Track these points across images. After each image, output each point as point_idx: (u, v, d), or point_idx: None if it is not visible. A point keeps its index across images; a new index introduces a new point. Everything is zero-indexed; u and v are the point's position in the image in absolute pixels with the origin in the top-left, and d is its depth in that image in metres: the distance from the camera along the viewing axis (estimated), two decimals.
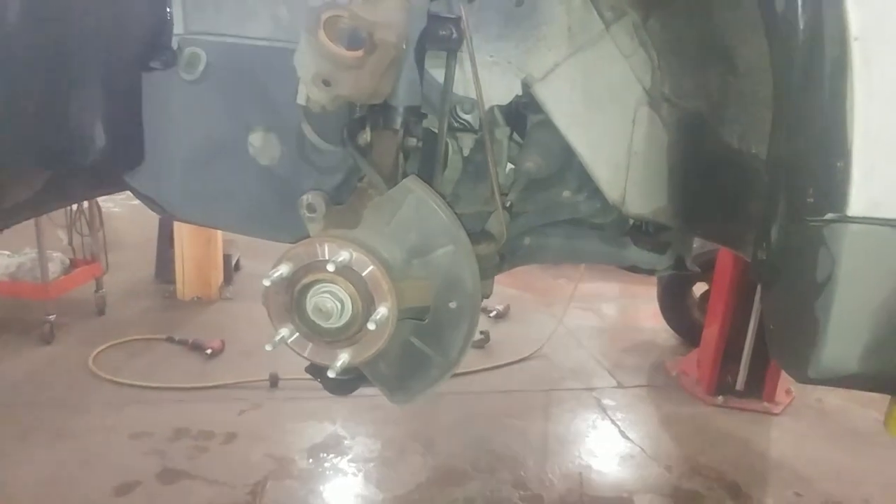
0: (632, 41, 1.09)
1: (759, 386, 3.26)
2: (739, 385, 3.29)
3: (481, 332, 3.78)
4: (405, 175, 1.01)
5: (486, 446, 2.81)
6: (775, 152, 0.86)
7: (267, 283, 0.84)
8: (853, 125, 0.64)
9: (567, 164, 1.29)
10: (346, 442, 2.79)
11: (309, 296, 0.87)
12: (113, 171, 1.27)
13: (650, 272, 1.32)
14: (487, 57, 1.16)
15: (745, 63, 0.94)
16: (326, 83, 0.94)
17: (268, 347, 0.87)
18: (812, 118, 0.72)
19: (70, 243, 4.03)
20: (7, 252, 3.89)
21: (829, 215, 0.71)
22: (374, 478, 2.57)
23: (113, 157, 1.23)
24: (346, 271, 0.85)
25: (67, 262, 3.94)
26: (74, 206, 3.98)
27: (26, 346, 3.50)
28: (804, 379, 0.79)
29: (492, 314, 4.19)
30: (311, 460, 2.64)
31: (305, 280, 0.86)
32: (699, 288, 3.85)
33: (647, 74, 1.12)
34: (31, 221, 3.55)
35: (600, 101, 1.14)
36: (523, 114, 1.31)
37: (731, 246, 1.12)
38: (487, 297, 1.07)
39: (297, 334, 0.89)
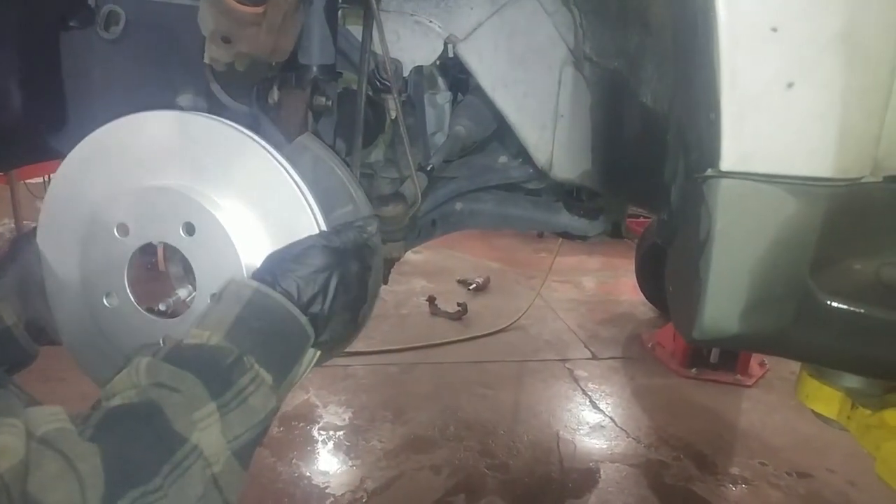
0: None
1: (733, 358, 3.27)
2: (713, 357, 3.30)
3: (458, 305, 3.80)
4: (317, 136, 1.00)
5: (455, 415, 2.84)
6: (675, 110, 0.84)
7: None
8: (721, 74, 0.62)
9: (503, 128, 1.27)
10: (317, 410, 2.83)
11: None
12: (35, 134, 1.25)
13: (582, 238, 1.30)
14: (409, 15, 1.13)
15: (657, 21, 0.91)
16: (226, 40, 0.92)
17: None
18: (694, 71, 0.70)
19: None
20: None
21: (708, 171, 0.69)
22: (343, 446, 2.61)
23: (33, 118, 1.21)
24: None
25: None
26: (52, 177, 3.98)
27: None
28: (690, 340, 0.78)
29: (471, 286, 4.20)
30: (282, 428, 2.67)
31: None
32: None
33: (570, 33, 1.09)
34: (7, 192, 3.55)
35: (525, 61, 1.12)
36: (461, 77, 1.29)
37: (651, 210, 1.10)
38: (397, 259, 1.06)
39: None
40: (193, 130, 0.83)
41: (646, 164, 1.03)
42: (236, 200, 0.80)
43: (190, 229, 0.78)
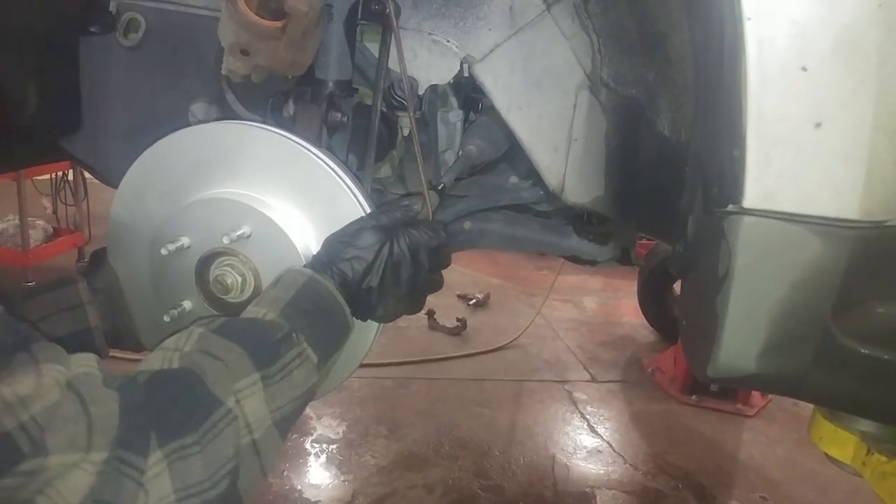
0: (573, 23, 1.06)
1: (734, 387, 3.24)
2: (714, 385, 3.27)
3: (458, 320, 3.77)
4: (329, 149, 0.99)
5: (451, 433, 2.81)
6: (695, 141, 0.84)
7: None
8: (747, 111, 0.61)
9: (515, 149, 1.27)
10: (311, 422, 2.80)
11: (211, 268, 0.86)
12: (48, 136, 1.25)
13: (591, 263, 1.29)
14: (427, 34, 1.13)
15: (676, 51, 0.90)
16: (245, 52, 0.92)
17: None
18: (718, 105, 0.69)
19: (54, 212, 4.04)
20: None
21: (729, 207, 0.68)
22: (336, 459, 2.58)
23: (47, 120, 1.21)
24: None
25: (51, 230, 3.95)
26: (59, 175, 3.99)
27: None
28: (704, 377, 0.76)
29: (471, 302, 4.18)
30: None
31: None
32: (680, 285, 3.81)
33: (587, 58, 1.08)
34: (15, 188, 3.55)
35: (541, 84, 1.11)
36: (474, 97, 1.29)
37: (665, 240, 1.09)
38: None
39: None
40: (228, 139, 0.87)
41: (660, 193, 1.02)
42: (283, 198, 0.85)
43: (245, 232, 0.82)
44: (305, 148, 0.86)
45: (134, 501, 0.51)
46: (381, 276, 0.79)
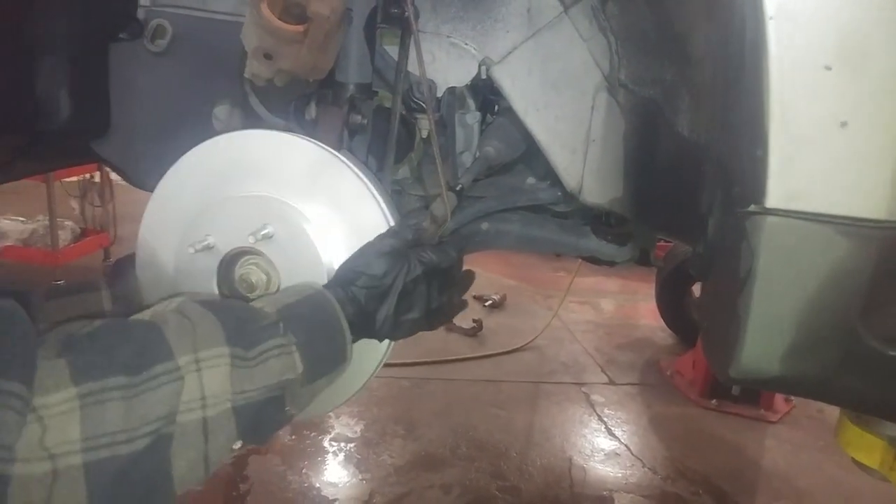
0: (591, 25, 1.06)
1: (756, 392, 3.19)
2: (735, 389, 3.22)
3: (474, 321, 3.77)
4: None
5: (468, 434, 2.81)
6: (716, 142, 0.83)
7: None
8: (770, 112, 0.61)
9: (533, 150, 1.27)
10: (329, 420, 2.82)
11: (237, 266, 0.88)
12: (80, 139, 1.29)
13: (610, 263, 1.28)
14: (446, 37, 1.14)
15: (697, 51, 0.90)
16: (268, 56, 0.93)
17: None
18: (739, 104, 0.69)
19: (82, 213, 4.14)
20: (22, 218, 4.01)
21: (751, 207, 0.68)
22: (353, 458, 2.59)
23: (79, 124, 1.25)
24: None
25: (78, 230, 4.05)
26: (87, 177, 4.09)
27: None
28: (727, 379, 0.76)
29: (487, 303, 4.18)
30: (293, 437, 2.67)
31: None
32: (699, 287, 3.76)
33: (605, 59, 1.08)
34: (44, 190, 3.65)
35: (559, 86, 1.11)
36: (491, 99, 1.29)
37: (684, 241, 1.08)
38: None
39: None
40: (261, 146, 0.90)
41: (679, 194, 1.02)
42: (311, 203, 0.87)
43: (270, 232, 0.84)
44: (330, 152, 0.88)
45: (17, 432, 0.46)
46: (395, 305, 0.80)
